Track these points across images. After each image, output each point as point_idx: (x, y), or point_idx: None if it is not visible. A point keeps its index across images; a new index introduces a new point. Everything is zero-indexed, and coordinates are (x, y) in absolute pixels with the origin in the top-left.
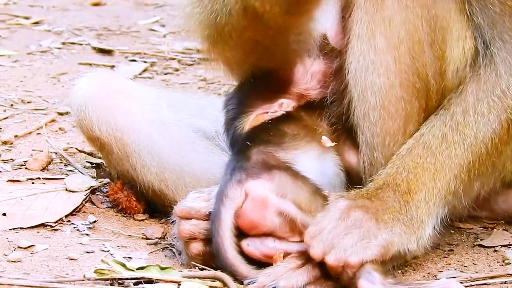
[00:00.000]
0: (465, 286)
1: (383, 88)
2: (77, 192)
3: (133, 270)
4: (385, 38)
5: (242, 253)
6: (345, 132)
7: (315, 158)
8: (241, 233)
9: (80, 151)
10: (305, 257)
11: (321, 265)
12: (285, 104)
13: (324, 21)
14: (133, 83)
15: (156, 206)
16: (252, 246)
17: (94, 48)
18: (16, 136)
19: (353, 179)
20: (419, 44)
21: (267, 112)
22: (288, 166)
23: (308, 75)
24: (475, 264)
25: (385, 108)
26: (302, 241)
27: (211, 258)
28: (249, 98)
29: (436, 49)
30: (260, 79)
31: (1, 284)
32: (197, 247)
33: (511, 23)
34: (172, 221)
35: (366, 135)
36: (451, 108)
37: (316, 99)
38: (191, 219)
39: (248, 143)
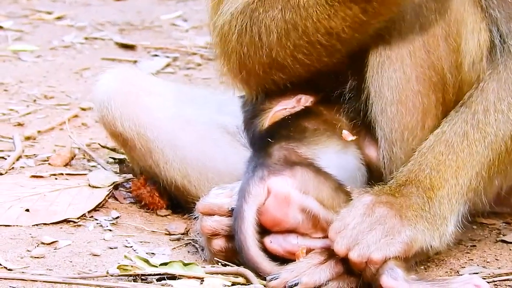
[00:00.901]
0: (488, 282)
1: (400, 83)
2: (100, 187)
3: (156, 266)
4: (399, 33)
5: (265, 249)
6: (365, 127)
7: (336, 153)
8: (264, 230)
9: (103, 147)
10: (328, 253)
11: (344, 261)
12: (303, 100)
13: None
14: (155, 78)
15: (179, 202)
16: (275, 242)
17: (117, 43)
18: (39, 131)
19: (374, 174)
20: (433, 38)
21: (285, 109)
22: (310, 162)
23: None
24: (497, 259)
25: (402, 103)
26: (324, 237)
27: (234, 254)
28: (266, 96)
29: (451, 42)
30: None
31: (25, 280)
32: (219, 243)
33: None
34: (195, 217)
35: (384, 131)
36: (473, 106)
37: (335, 94)
38: (213, 215)
39: (269, 139)
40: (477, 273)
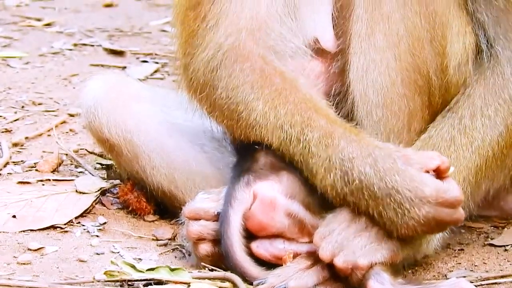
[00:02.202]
0: (475, 286)
1: (385, 86)
2: (87, 193)
3: (143, 272)
4: (384, 36)
5: (251, 254)
6: None
7: None
8: (250, 235)
9: (91, 153)
10: (315, 258)
11: (331, 265)
12: None
13: (316, 25)
14: (143, 85)
15: (166, 207)
16: (262, 247)
17: (106, 49)
18: (26, 137)
19: None
20: (418, 41)
21: None
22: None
23: (309, 78)
24: (485, 263)
25: (387, 106)
26: (311, 241)
27: (221, 259)
28: None
29: (436, 45)
30: None
31: (11, 286)
32: (205, 248)
33: None
34: (182, 222)
35: (370, 134)
36: (459, 111)
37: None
38: (200, 219)
39: (255, 146)
40: (464, 277)
